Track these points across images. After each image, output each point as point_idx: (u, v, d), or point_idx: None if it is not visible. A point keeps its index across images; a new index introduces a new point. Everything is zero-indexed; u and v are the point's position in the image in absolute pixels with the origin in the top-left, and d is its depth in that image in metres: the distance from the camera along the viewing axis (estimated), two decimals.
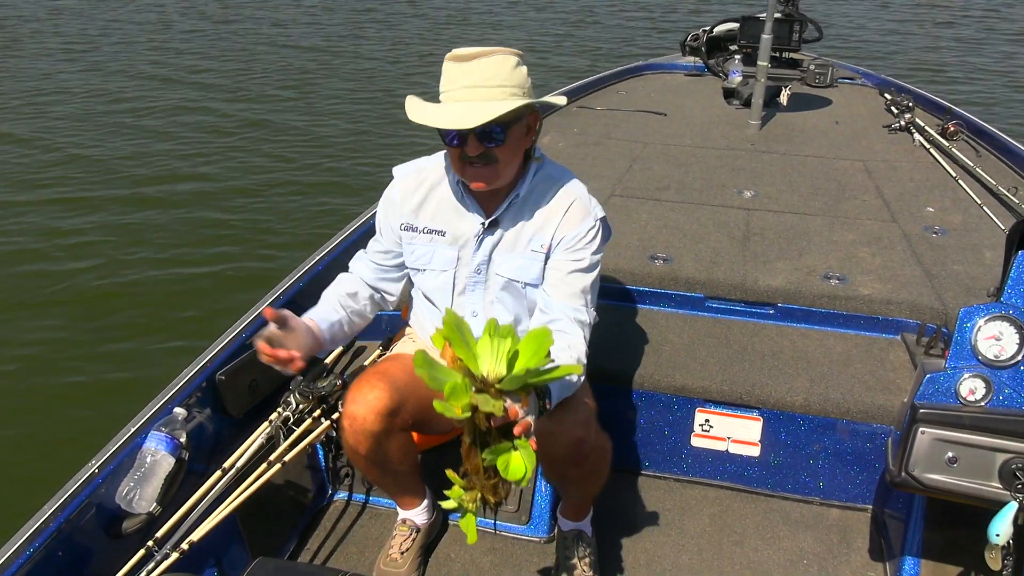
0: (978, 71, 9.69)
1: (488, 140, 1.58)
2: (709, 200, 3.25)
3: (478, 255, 1.79)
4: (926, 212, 3.13)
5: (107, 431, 1.80)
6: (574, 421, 1.67)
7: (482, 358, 1.18)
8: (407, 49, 10.59)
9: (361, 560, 2.10)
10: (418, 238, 1.83)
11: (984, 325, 1.56)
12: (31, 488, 2.95)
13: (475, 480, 1.23)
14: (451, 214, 1.79)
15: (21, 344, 4.14)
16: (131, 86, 8.82)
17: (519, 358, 1.19)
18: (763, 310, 2.55)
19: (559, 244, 1.75)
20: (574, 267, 1.74)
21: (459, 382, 1.14)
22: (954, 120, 3.97)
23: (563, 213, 1.74)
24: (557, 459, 1.71)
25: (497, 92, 1.57)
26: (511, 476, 1.19)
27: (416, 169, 1.84)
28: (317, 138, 7.27)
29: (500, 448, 1.19)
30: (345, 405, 1.76)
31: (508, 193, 1.74)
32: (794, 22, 4.54)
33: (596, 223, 1.76)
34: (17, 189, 6.05)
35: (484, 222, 1.76)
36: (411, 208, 1.82)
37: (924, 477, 1.59)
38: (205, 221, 5.60)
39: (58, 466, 1.90)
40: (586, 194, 1.79)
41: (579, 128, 4.21)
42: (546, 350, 1.18)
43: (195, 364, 2.00)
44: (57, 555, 1.56)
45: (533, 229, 1.76)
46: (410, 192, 1.82)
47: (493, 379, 1.17)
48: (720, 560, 2.10)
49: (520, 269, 1.78)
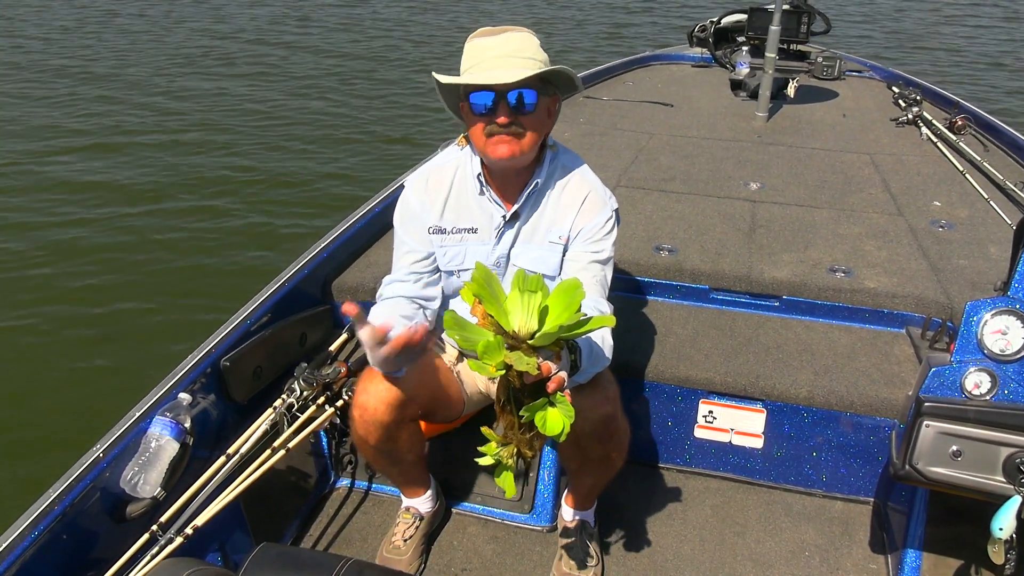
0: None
1: (519, 109, 1.58)
2: (715, 192, 3.24)
3: (499, 248, 1.78)
4: (933, 206, 3.12)
5: (112, 416, 1.81)
6: (603, 398, 1.66)
7: (512, 313, 1.16)
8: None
9: (364, 547, 2.11)
10: (448, 239, 1.80)
11: (990, 319, 1.55)
12: (36, 472, 2.97)
13: (511, 435, 1.22)
14: (475, 210, 1.78)
15: (26, 331, 4.16)
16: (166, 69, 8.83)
17: (550, 312, 1.17)
18: (768, 302, 2.55)
19: (578, 235, 1.74)
20: (593, 258, 1.73)
21: (492, 340, 1.13)
22: (962, 114, 3.95)
23: (580, 204, 1.74)
24: (584, 436, 1.69)
25: (529, 63, 1.57)
26: (549, 431, 1.18)
27: (429, 173, 1.81)
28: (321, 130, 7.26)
29: (535, 405, 1.18)
30: (355, 395, 1.75)
31: (527, 182, 1.73)
32: (802, 14, 4.52)
33: (612, 213, 1.76)
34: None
35: (505, 215, 1.75)
36: (435, 211, 1.79)
37: (928, 470, 1.59)
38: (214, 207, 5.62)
39: (63, 450, 1.91)
40: (600, 184, 1.79)
41: (586, 118, 4.20)
42: (577, 304, 1.17)
43: (200, 350, 2.00)
44: (62, 538, 1.57)
45: (551, 220, 1.75)
46: (429, 197, 1.79)
47: (525, 334, 1.16)
48: (722, 551, 2.10)
49: (539, 260, 1.78)
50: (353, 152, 6.74)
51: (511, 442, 1.22)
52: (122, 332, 4.17)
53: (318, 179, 6.14)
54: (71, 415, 3.52)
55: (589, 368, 1.55)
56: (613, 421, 1.71)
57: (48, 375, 3.83)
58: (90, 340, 4.10)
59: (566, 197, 1.75)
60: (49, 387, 3.74)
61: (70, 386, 3.74)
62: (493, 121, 1.59)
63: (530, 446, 1.23)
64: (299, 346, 2.29)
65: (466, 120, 1.67)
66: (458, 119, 1.74)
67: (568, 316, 1.16)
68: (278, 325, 2.21)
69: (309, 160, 6.52)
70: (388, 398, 1.69)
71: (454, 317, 1.14)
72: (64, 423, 3.47)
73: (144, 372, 2.23)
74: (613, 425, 1.71)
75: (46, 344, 4.05)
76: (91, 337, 4.12)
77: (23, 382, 3.77)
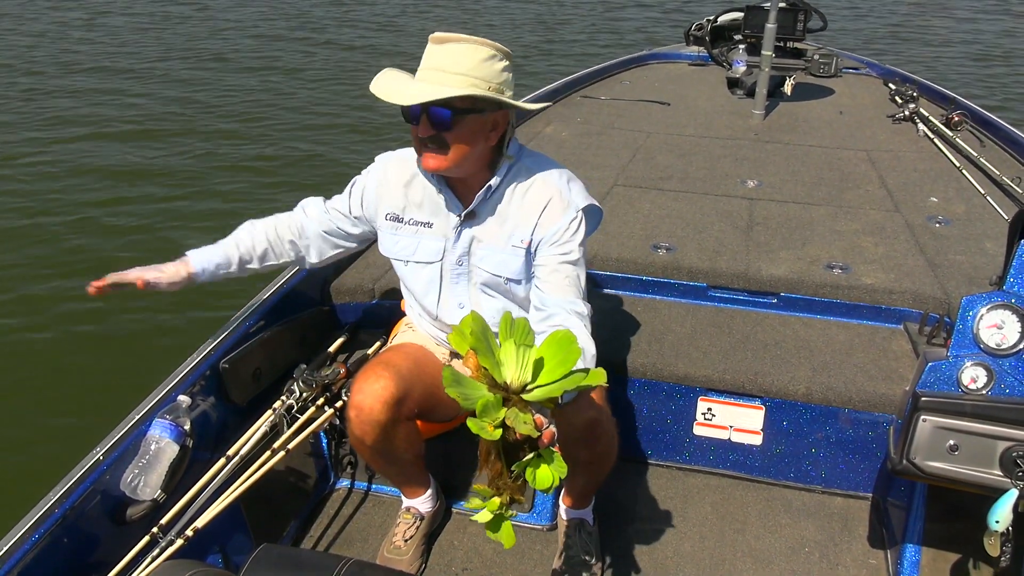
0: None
1: (438, 124, 1.57)
2: (712, 189, 3.24)
3: (458, 246, 1.78)
4: (929, 202, 3.13)
5: (112, 418, 1.81)
6: (587, 402, 1.66)
7: (506, 366, 1.15)
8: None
9: (364, 547, 2.12)
10: (403, 229, 1.82)
11: (986, 314, 1.56)
12: (36, 475, 2.97)
13: (500, 485, 1.20)
14: (434, 206, 1.79)
15: (26, 331, 4.16)
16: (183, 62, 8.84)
17: (544, 366, 1.16)
18: (766, 299, 2.55)
19: (542, 240, 1.71)
20: (562, 259, 1.70)
21: (491, 399, 1.11)
22: (958, 110, 3.95)
23: (542, 209, 1.71)
24: (569, 441, 1.69)
25: (455, 79, 1.54)
26: (539, 486, 1.17)
27: (398, 158, 1.84)
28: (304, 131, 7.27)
29: (525, 461, 1.17)
30: (351, 395, 1.76)
31: (481, 185, 1.72)
32: (798, 11, 4.52)
33: (577, 214, 1.71)
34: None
35: (461, 213, 1.75)
36: (395, 199, 1.81)
37: (925, 465, 1.60)
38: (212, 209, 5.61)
39: (63, 453, 1.91)
40: (566, 184, 1.74)
41: (583, 117, 4.20)
42: (574, 362, 1.15)
43: (199, 352, 2.00)
44: (62, 541, 1.57)
45: (513, 224, 1.73)
46: (398, 179, 1.81)
47: (517, 387, 1.15)
48: (722, 548, 2.11)
49: (501, 264, 1.76)
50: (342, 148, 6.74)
51: (503, 491, 1.20)
52: (122, 333, 4.16)
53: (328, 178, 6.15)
54: (71, 417, 3.52)
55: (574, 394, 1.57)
56: (598, 424, 1.70)
57: (48, 376, 3.83)
58: (90, 341, 4.10)
59: (528, 201, 1.72)
60: (49, 387, 3.74)
61: (70, 388, 3.74)
62: (417, 132, 1.60)
63: (522, 492, 1.21)
64: (298, 348, 2.30)
65: None
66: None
67: (562, 373, 1.15)
68: (277, 327, 2.22)
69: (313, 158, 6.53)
70: (384, 397, 1.69)
71: (452, 375, 1.11)
72: (64, 425, 3.47)
73: (143, 374, 2.23)
74: (599, 428, 1.71)
75: (46, 344, 4.06)
76: (91, 338, 4.12)
77: (23, 383, 3.78)
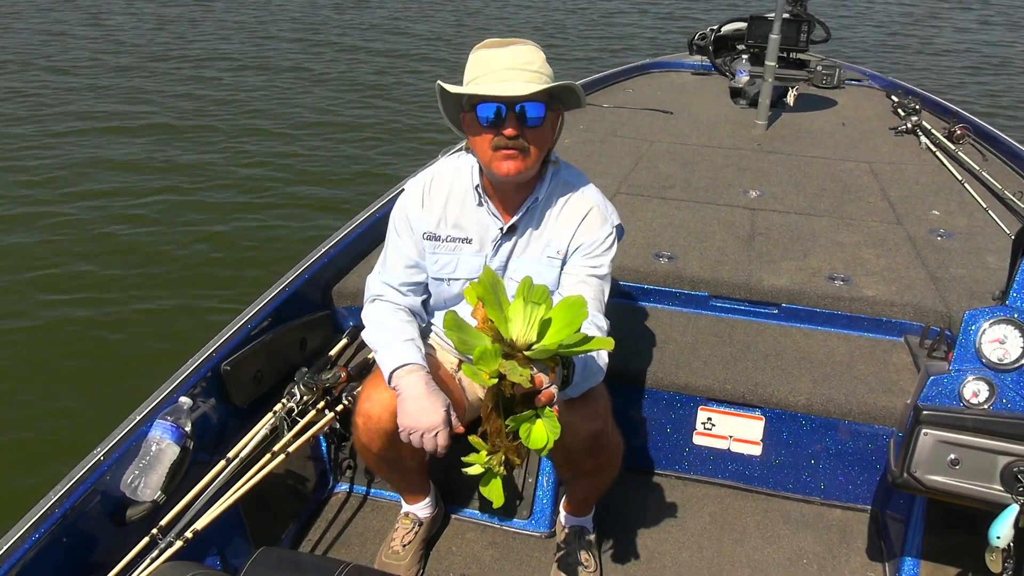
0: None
1: (526, 122, 1.56)
2: (714, 199, 3.25)
3: (495, 260, 1.76)
4: (931, 215, 3.13)
5: (113, 419, 1.81)
6: (593, 413, 1.67)
7: (513, 322, 1.16)
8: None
9: (363, 551, 2.11)
10: (441, 247, 1.78)
11: (989, 328, 1.56)
12: (37, 475, 2.97)
13: (498, 443, 1.21)
14: (472, 220, 1.76)
15: (25, 332, 4.16)
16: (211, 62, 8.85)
17: (551, 327, 1.17)
18: (767, 310, 2.56)
19: (576, 250, 1.73)
20: (591, 272, 1.72)
21: (488, 347, 1.12)
22: (961, 124, 3.96)
23: (581, 219, 1.72)
24: (574, 450, 1.70)
25: (536, 76, 1.56)
26: (532, 445, 1.18)
27: (430, 178, 1.79)
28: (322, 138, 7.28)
29: (522, 416, 1.18)
30: (359, 403, 1.76)
31: (526, 197, 1.72)
32: (802, 22, 4.53)
33: (613, 229, 1.75)
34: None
35: (503, 227, 1.73)
36: (432, 218, 1.77)
37: (926, 478, 1.60)
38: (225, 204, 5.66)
39: (64, 454, 1.91)
40: (603, 200, 1.78)
41: (586, 125, 4.21)
42: (579, 323, 1.17)
43: (201, 354, 2.00)
44: (62, 541, 1.57)
45: (550, 235, 1.74)
46: (428, 202, 1.77)
47: (522, 344, 1.16)
48: (720, 558, 2.11)
49: (536, 275, 1.73)
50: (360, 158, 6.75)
51: (499, 449, 1.22)
52: (124, 334, 4.16)
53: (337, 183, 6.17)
54: (71, 418, 3.52)
55: (582, 383, 1.57)
56: (604, 435, 1.71)
57: (48, 377, 3.82)
58: (90, 341, 4.10)
59: (566, 214, 1.73)
60: (49, 388, 3.74)
61: (70, 388, 3.74)
62: (500, 133, 1.56)
63: (518, 454, 1.22)
64: (300, 351, 2.30)
65: (469, 132, 1.65)
66: (457, 131, 1.72)
67: (568, 333, 1.16)
68: (279, 330, 2.22)
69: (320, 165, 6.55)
70: (392, 406, 1.68)
71: (454, 318, 1.13)
72: (64, 426, 3.47)
73: (145, 375, 2.23)
74: (604, 439, 1.72)
75: (47, 345, 4.06)
76: (92, 338, 4.12)
77: (23, 384, 3.77)
